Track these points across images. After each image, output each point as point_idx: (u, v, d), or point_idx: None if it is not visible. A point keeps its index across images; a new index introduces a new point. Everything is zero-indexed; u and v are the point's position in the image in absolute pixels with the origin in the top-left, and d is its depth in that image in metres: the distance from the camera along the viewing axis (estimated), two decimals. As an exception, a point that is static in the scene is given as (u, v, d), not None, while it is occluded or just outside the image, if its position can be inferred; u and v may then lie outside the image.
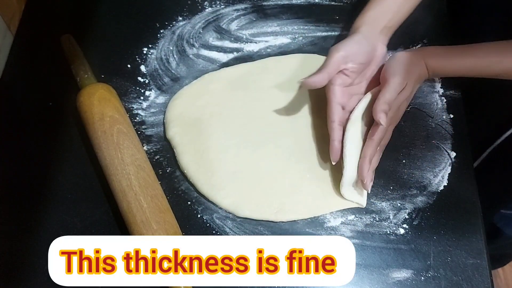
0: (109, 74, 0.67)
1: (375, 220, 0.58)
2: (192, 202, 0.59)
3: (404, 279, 0.55)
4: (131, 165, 0.55)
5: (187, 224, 0.57)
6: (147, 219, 0.52)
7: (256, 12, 0.74)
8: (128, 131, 0.58)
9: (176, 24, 0.73)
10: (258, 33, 0.72)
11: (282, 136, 0.63)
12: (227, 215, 0.58)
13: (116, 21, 0.73)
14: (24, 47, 0.70)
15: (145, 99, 0.66)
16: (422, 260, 0.56)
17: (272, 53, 0.70)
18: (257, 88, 0.67)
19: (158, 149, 0.62)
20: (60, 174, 0.60)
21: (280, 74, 0.68)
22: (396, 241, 0.57)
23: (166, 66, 0.69)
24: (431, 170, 0.62)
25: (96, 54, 0.68)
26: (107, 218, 0.57)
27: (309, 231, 0.57)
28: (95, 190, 0.59)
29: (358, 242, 0.57)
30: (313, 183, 0.60)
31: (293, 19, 0.74)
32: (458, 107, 0.67)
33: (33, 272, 0.54)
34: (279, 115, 0.65)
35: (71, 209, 0.58)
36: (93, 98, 0.59)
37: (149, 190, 0.54)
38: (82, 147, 0.61)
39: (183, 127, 0.63)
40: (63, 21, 0.73)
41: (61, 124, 0.64)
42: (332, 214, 0.59)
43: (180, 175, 0.61)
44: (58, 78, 0.66)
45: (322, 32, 0.73)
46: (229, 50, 0.71)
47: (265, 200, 0.58)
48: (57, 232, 0.56)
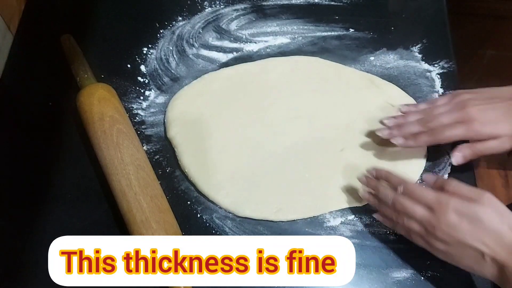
0: (109, 74, 0.67)
1: (375, 220, 0.58)
2: (192, 202, 0.59)
3: (404, 279, 0.55)
4: (131, 165, 0.55)
5: (187, 224, 0.57)
6: (147, 219, 0.52)
7: (256, 12, 0.74)
8: (128, 131, 0.58)
9: (176, 24, 0.73)
10: (257, 33, 0.72)
11: (281, 136, 0.63)
12: (227, 215, 0.58)
13: (116, 21, 0.73)
14: (24, 47, 0.70)
15: (145, 99, 0.66)
16: (422, 260, 0.55)
17: (271, 53, 0.70)
18: (257, 88, 0.67)
19: (158, 149, 0.62)
20: (59, 174, 0.60)
21: (280, 75, 0.68)
22: (396, 241, 0.57)
23: (166, 66, 0.69)
24: (431, 170, 0.62)
25: (96, 54, 0.68)
26: (107, 218, 0.57)
27: (308, 231, 0.57)
28: (94, 190, 0.59)
29: (358, 242, 0.57)
30: (313, 183, 0.60)
31: (292, 19, 0.74)
32: (458, 107, 0.67)
33: (33, 272, 0.54)
34: (279, 115, 0.65)
35: (71, 209, 0.58)
36: (93, 98, 0.59)
37: (149, 190, 0.54)
38: (82, 147, 0.61)
39: (184, 127, 0.63)
40: (63, 21, 0.73)
41: (61, 124, 0.64)
42: (331, 214, 0.59)
43: (179, 174, 0.61)
44: (58, 78, 0.66)
45: (322, 32, 0.73)
46: (229, 50, 0.71)
47: (265, 200, 0.59)
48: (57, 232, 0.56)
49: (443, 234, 0.48)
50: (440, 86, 0.68)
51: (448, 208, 0.48)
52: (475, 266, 0.48)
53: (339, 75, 0.68)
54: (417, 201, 0.50)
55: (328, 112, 0.65)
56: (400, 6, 0.77)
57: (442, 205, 0.48)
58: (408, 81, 0.68)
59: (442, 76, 0.69)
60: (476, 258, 0.47)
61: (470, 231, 0.47)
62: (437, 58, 0.70)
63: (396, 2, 0.77)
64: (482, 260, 0.47)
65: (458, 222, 0.47)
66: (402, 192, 0.52)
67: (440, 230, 0.48)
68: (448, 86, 0.68)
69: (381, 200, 0.53)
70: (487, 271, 0.47)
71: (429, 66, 0.70)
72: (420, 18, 0.74)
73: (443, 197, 0.49)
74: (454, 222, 0.47)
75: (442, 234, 0.48)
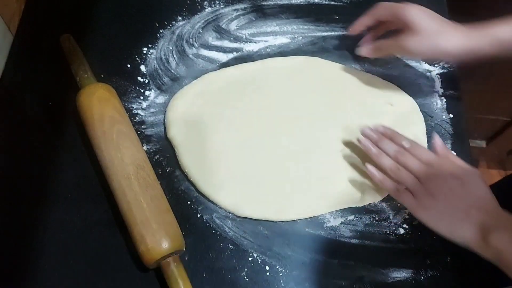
0: (109, 74, 0.67)
1: (375, 220, 0.58)
2: (192, 202, 0.59)
3: (404, 279, 0.55)
4: (131, 165, 0.55)
5: (187, 224, 0.57)
6: (147, 219, 0.52)
7: (256, 12, 0.74)
8: (128, 131, 0.58)
9: (176, 24, 0.73)
10: (257, 33, 0.72)
11: (282, 136, 0.63)
12: (227, 215, 0.58)
13: (116, 21, 0.73)
14: (24, 47, 0.70)
15: (144, 99, 0.66)
16: (422, 260, 0.56)
17: (271, 53, 0.70)
18: (257, 88, 0.67)
19: (158, 149, 0.62)
20: (60, 174, 0.60)
21: (280, 75, 0.68)
22: (396, 241, 0.57)
23: (166, 66, 0.69)
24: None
25: (96, 54, 0.68)
26: (107, 218, 0.57)
27: (309, 231, 0.57)
28: (95, 190, 0.59)
29: (358, 242, 0.57)
30: (313, 183, 0.60)
31: (292, 18, 0.74)
32: (458, 107, 0.67)
33: (33, 272, 0.54)
34: (279, 115, 0.65)
35: (71, 209, 0.58)
36: (93, 98, 0.59)
37: (149, 190, 0.54)
38: (82, 147, 0.61)
39: (184, 127, 0.63)
40: (63, 21, 0.73)
41: (61, 124, 0.64)
42: (331, 214, 0.59)
43: (180, 174, 0.61)
44: (58, 78, 0.66)
45: (322, 31, 0.73)
46: (229, 50, 0.71)
47: (265, 200, 0.59)
48: (57, 232, 0.56)
49: (435, 187, 0.52)
50: (440, 86, 0.68)
51: (447, 165, 0.53)
52: (456, 227, 0.50)
53: (339, 75, 0.68)
54: (418, 158, 0.54)
55: (328, 112, 0.65)
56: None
57: (441, 163, 0.54)
58: (408, 81, 0.68)
59: (442, 76, 0.69)
60: (459, 217, 0.50)
61: (460, 192, 0.51)
62: (437, 58, 0.70)
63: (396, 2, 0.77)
64: (466, 218, 0.50)
65: (451, 181, 0.52)
66: (406, 148, 0.56)
67: (433, 182, 0.52)
68: (448, 86, 0.68)
69: (382, 149, 0.57)
70: (467, 232, 0.49)
71: (429, 66, 0.70)
72: (420, 18, 0.74)
73: (444, 159, 0.54)
74: (448, 179, 0.52)
75: (435, 187, 0.52)
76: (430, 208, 0.52)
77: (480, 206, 0.50)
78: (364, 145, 0.58)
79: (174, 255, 0.52)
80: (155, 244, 0.50)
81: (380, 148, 0.58)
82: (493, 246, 0.47)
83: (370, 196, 0.59)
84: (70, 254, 0.55)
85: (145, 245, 0.51)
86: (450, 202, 0.51)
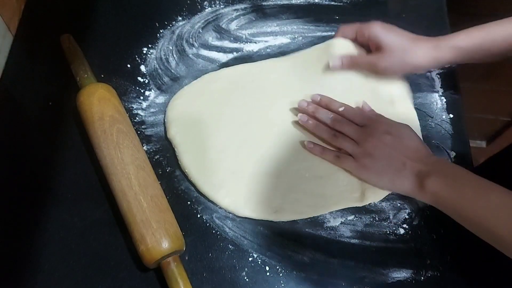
0: (109, 74, 0.67)
1: (375, 220, 0.58)
2: (192, 202, 0.59)
3: (404, 279, 0.55)
4: (131, 165, 0.55)
5: (187, 224, 0.57)
6: (147, 218, 0.52)
7: (256, 12, 0.74)
8: (128, 130, 0.58)
9: (176, 24, 0.73)
10: (257, 33, 0.72)
11: (281, 135, 0.63)
12: (227, 215, 0.58)
13: (116, 21, 0.73)
14: (24, 47, 0.70)
15: (144, 99, 0.66)
16: (422, 260, 0.55)
17: (271, 53, 0.71)
18: (257, 88, 0.67)
19: (158, 149, 0.62)
20: (60, 174, 0.60)
21: (279, 75, 0.68)
22: (396, 241, 0.57)
23: (166, 66, 0.69)
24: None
25: (96, 54, 0.68)
26: (107, 218, 0.57)
27: (308, 231, 0.57)
28: (95, 189, 0.59)
29: (358, 242, 0.57)
30: (313, 182, 0.60)
31: (292, 19, 0.74)
32: (458, 107, 0.67)
33: (33, 272, 0.54)
34: (279, 115, 0.65)
35: (71, 208, 0.58)
36: (93, 97, 0.59)
37: (149, 189, 0.54)
38: (82, 146, 0.61)
39: (184, 127, 0.63)
40: (63, 21, 0.73)
41: (61, 124, 0.64)
42: (331, 214, 0.59)
43: (180, 174, 0.61)
44: (58, 78, 0.66)
45: (322, 32, 0.73)
46: (229, 50, 0.71)
47: (265, 200, 0.59)
48: (57, 232, 0.56)
49: (372, 147, 0.56)
50: (440, 86, 0.68)
51: (380, 125, 0.57)
52: (396, 180, 0.55)
53: (339, 75, 0.68)
54: (354, 121, 0.59)
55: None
56: (400, 6, 0.77)
57: (374, 122, 0.58)
58: (408, 81, 0.68)
59: (442, 76, 0.69)
60: (397, 170, 0.54)
61: (395, 145, 0.55)
62: (437, 58, 0.70)
63: (396, 2, 0.77)
64: (403, 169, 0.54)
65: (385, 136, 0.56)
66: (341, 113, 0.60)
67: (370, 143, 0.56)
68: (448, 86, 0.68)
69: (320, 120, 0.60)
70: (406, 182, 0.54)
71: (429, 66, 0.70)
72: (420, 18, 0.74)
73: (376, 120, 0.59)
74: (382, 137, 0.56)
75: (371, 146, 0.56)
76: (370, 167, 0.56)
77: (415, 156, 0.54)
78: (301, 120, 0.61)
79: (174, 254, 0.52)
80: (155, 243, 0.50)
81: (316, 118, 0.61)
82: (430, 191, 0.52)
83: (370, 196, 0.59)
84: (70, 254, 0.55)
85: (145, 245, 0.51)
86: (387, 158, 0.55)
